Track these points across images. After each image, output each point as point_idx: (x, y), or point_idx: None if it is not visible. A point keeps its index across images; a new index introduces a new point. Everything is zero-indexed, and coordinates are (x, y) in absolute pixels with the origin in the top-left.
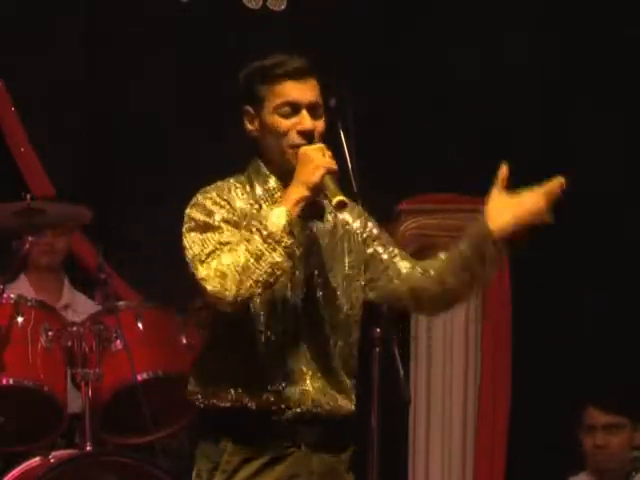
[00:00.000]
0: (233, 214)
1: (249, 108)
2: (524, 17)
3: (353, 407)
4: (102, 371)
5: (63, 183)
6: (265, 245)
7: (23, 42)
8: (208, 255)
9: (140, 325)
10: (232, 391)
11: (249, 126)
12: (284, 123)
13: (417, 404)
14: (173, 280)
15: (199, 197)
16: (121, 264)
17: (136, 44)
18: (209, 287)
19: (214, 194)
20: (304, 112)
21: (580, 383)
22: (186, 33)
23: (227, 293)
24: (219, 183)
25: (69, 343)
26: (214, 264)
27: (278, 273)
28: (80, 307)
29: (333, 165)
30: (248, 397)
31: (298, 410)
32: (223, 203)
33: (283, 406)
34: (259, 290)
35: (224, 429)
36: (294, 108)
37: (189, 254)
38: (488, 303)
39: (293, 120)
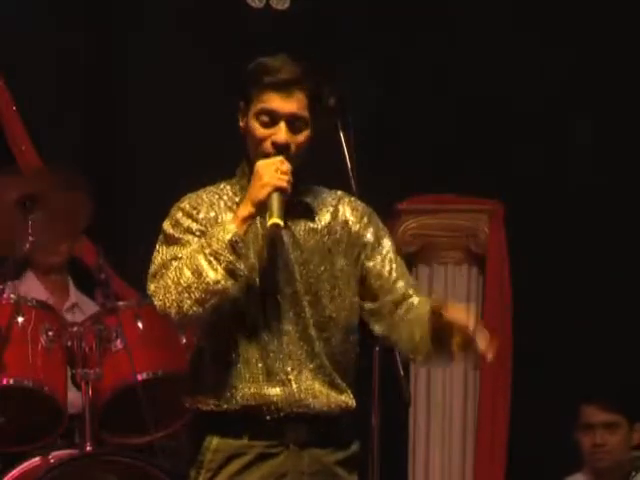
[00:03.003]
0: (200, 224)
1: (241, 104)
2: (531, 19)
3: (351, 403)
4: (102, 371)
5: None
6: (206, 262)
7: (23, 42)
8: (157, 271)
9: (140, 325)
10: (215, 395)
11: (240, 122)
12: (260, 131)
13: (417, 404)
14: None
15: (174, 207)
16: (121, 264)
17: (137, 44)
18: (155, 302)
19: (186, 204)
20: (282, 124)
21: (581, 383)
22: (188, 32)
23: (170, 310)
24: (202, 190)
25: (69, 343)
26: (162, 280)
27: (218, 292)
28: (86, 307)
29: (282, 183)
30: (231, 400)
31: (282, 413)
32: (192, 212)
33: (266, 408)
34: (201, 310)
35: (208, 429)
36: (272, 118)
37: (150, 268)
38: (488, 303)
39: (270, 130)
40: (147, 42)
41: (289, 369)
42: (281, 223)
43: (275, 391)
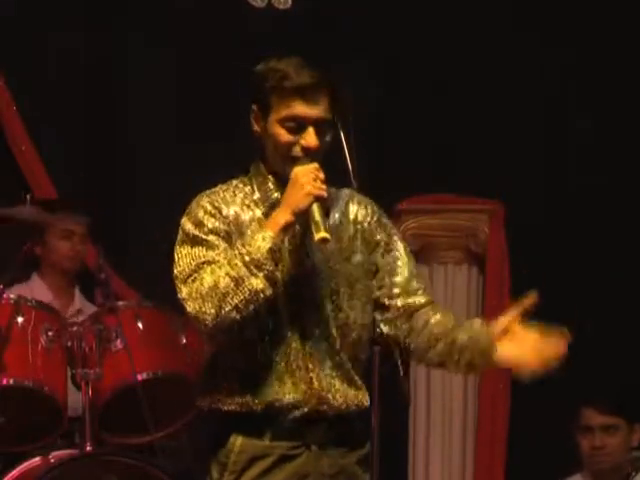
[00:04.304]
0: (223, 223)
1: (256, 108)
2: (531, 19)
3: (366, 401)
4: (102, 371)
5: (63, 183)
6: (246, 270)
7: (23, 42)
8: (190, 275)
9: (140, 325)
10: (236, 394)
11: (255, 125)
12: (287, 137)
13: (417, 404)
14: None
15: (193, 205)
16: (121, 264)
17: (137, 43)
18: (189, 309)
19: (207, 202)
20: (310, 129)
21: (582, 383)
22: (188, 32)
23: (206, 316)
24: (218, 187)
25: (69, 343)
26: (195, 285)
27: (259, 299)
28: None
29: (323, 192)
30: (253, 399)
31: (305, 409)
32: (214, 212)
33: (290, 406)
34: (238, 315)
35: (231, 430)
36: (299, 124)
37: (175, 269)
38: (488, 304)
39: (297, 135)
40: (147, 42)
41: (311, 366)
42: (329, 237)
43: (298, 389)
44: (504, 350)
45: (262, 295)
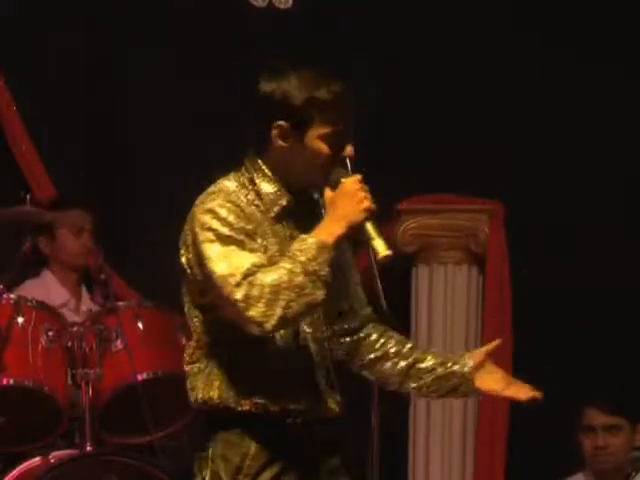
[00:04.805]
0: (247, 222)
1: (284, 124)
2: (531, 19)
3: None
4: (102, 371)
5: (63, 183)
6: (307, 279)
7: (23, 42)
8: (244, 277)
9: (140, 325)
10: (253, 396)
11: (280, 142)
12: (328, 151)
13: (417, 404)
14: (174, 280)
15: (212, 204)
16: (121, 264)
17: (138, 43)
18: (250, 312)
19: (226, 201)
20: (347, 138)
21: (581, 383)
22: (188, 32)
23: (268, 320)
24: (223, 186)
25: (69, 343)
26: (254, 289)
27: (316, 307)
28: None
29: (373, 205)
30: (268, 402)
31: (313, 414)
32: (238, 211)
33: (301, 410)
34: (296, 322)
35: (247, 431)
36: (340, 137)
37: (216, 269)
38: (488, 304)
39: (335, 147)
40: (147, 42)
41: (315, 372)
42: (391, 254)
43: (308, 394)
44: (482, 379)
45: (320, 304)
